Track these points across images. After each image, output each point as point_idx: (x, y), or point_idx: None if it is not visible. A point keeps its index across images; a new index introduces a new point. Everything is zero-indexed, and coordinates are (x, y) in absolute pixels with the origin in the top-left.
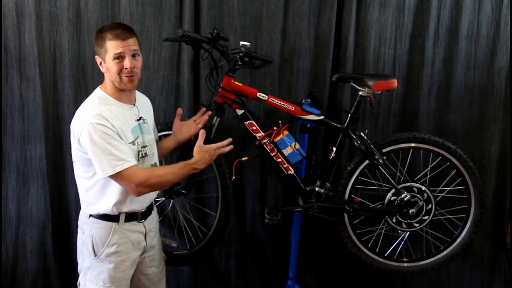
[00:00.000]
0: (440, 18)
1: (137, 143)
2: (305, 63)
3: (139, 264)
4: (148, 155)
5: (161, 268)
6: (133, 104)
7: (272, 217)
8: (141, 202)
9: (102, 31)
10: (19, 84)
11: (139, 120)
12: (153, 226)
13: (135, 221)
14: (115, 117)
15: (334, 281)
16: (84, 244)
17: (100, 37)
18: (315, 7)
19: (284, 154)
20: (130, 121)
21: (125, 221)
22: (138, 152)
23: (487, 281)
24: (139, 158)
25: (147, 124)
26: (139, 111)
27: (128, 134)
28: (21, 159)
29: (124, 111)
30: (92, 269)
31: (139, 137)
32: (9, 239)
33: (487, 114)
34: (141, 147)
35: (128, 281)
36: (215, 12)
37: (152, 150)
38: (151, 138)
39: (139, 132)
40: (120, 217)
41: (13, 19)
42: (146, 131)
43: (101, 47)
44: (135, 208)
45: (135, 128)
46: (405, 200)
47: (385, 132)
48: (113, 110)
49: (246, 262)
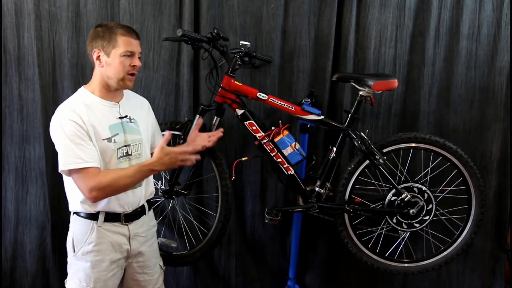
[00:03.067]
0: (441, 18)
1: (113, 140)
2: (305, 62)
3: (128, 268)
4: (133, 155)
5: (155, 277)
6: (116, 102)
7: (272, 217)
8: (122, 203)
9: (108, 25)
10: (18, 84)
11: (123, 118)
12: (142, 231)
13: (118, 223)
14: (90, 112)
15: (334, 281)
16: (68, 241)
17: (108, 30)
18: (315, 7)
19: (284, 154)
20: (109, 117)
21: (105, 221)
22: (116, 150)
23: (488, 282)
24: (118, 156)
25: (135, 124)
26: (123, 110)
27: (104, 130)
28: (20, 159)
29: (103, 107)
30: (72, 266)
31: (119, 135)
32: (8, 239)
33: (488, 114)
34: (122, 145)
35: (107, 282)
36: (215, 12)
37: (139, 150)
38: (139, 138)
39: (120, 130)
40: (99, 216)
41: (12, 18)
42: (131, 130)
43: (107, 40)
44: (113, 208)
45: (116, 125)
46: (406, 200)
47: (386, 132)
48: (91, 105)
49: (246, 262)
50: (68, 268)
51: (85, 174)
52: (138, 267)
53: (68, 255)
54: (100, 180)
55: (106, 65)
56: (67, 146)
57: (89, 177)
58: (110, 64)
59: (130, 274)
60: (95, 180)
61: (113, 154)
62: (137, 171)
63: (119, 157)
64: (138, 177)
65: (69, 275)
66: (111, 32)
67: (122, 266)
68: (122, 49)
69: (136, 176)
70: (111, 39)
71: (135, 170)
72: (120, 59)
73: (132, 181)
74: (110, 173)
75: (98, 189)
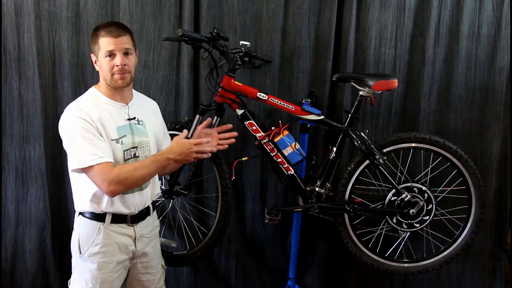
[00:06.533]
0: (441, 18)
1: (121, 142)
2: (305, 62)
3: (132, 269)
4: (140, 157)
5: (158, 277)
6: (125, 103)
7: (272, 217)
8: (129, 205)
9: (97, 29)
10: (18, 84)
11: (131, 120)
12: (146, 232)
13: (125, 224)
14: (99, 112)
15: (334, 281)
16: (73, 242)
17: (95, 34)
18: (315, 7)
19: (284, 154)
20: (118, 119)
21: (112, 222)
22: (123, 151)
23: (488, 282)
24: (125, 158)
25: (143, 126)
26: (132, 111)
27: (112, 131)
28: (20, 159)
29: (112, 108)
30: (78, 268)
31: (127, 137)
32: (8, 239)
33: (488, 114)
34: (130, 147)
35: (113, 284)
36: (215, 12)
37: (146, 152)
38: (146, 140)
39: (128, 131)
40: (106, 217)
41: (12, 18)
42: (139, 132)
43: (95, 45)
44: (121, 210)
45: (124, 127)
46: (406, 200)
47: (386, 132)
48: (100, 106)
49: (246, 262)
50: (73, 269)
51: (102, 169)
52: (142, 267)
53: (73, 256)
54: (117, 173)
55: (99, 68)
56: (79, 143)
57: (105, 171)
58: (101, 66)
59: (134, 274)
60: (113, 174)
61: (120, 156)
62: (152, 161)
63: (126, 159)
64: (155, 167)
65: (74, 276)
66: (96, 35)
67: (127, 267)
68: (103, 50)
69: (153, 166)
70: (96, 42)
71: (150, 160)
72: (104, 61)
73: (149, 171)
74: (126, 166)
75: (116, 182)
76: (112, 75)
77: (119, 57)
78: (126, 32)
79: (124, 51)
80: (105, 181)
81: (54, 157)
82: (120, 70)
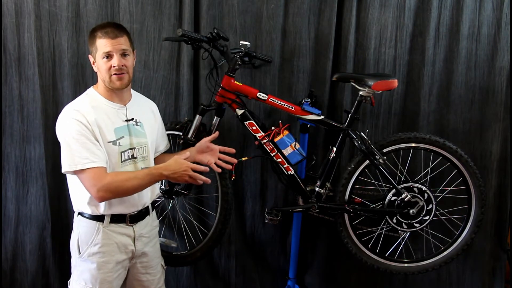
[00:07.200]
0: (441, 18)
1: (118, 143)
2: (305, 62)
3: (131, 269)
4: (138, 158)
5: (158, 277)
6: (123, 104)
7: (272, 217)
8: (128, 205)
9: (93, 31)
10: (18, 84)
11: (129, 121)
12: (146, 231)
13: (124, 224)
14: (96, 113)
15: (334, 281)
16: (72, 241)
17: (92, 36)
18: (315, 7)
19: (284, 154)
20: (115, 120)
21: (111, 222)
22: (121, 153)
23: (488, 282)
24: (122, 159)
25: (141, 127)
26: (130, 112)
27: (109, 133)
28: (20, 159)
29: (110, 109)
30: (77, 268)
31: (125, 138)
32: (8, 239)
33: (488, 114)
34: (128, 148)
35: (112, 283)
36: (215, 12)
37: (145, 154)
38: (144, 141)
39: (125, 132)
40: (105, 217)
41: (12, 18)
42: (137, 133)
43: (92, 46)
44: (120, 210)
45: (121, 128)
46: (406, 200)
47: (386, 132)
48: (97, 107)
49: (246, 262)
50: (73, 269)
51: (93, 174)
52: (142, 267)
53: (72, 256)
54: (109, 181)
55: (97, 69)
56: (72, 146)
57: (96, 177)
58: (98, 68)
59: (134, 274)
60: (104, 181)
61: (117, 157)
62: (146, 174)
63: (123, 160)
64: (147, 181)
65: (74, 276)
66: (93, 36)
67: (126, 267)
68: (100, 51)
69: (145, 179)
70: (93, 44)
71: (145, 173)
72: (101, 62)
73: (141, 183)
74: (119, 174)
75: (106, 189)
76: (110, 76)
77: (116, 58)
78: (123, 33)
79: (121, 52)
80: (95, 186)
81: (54, 157)
82: (117, 70)
